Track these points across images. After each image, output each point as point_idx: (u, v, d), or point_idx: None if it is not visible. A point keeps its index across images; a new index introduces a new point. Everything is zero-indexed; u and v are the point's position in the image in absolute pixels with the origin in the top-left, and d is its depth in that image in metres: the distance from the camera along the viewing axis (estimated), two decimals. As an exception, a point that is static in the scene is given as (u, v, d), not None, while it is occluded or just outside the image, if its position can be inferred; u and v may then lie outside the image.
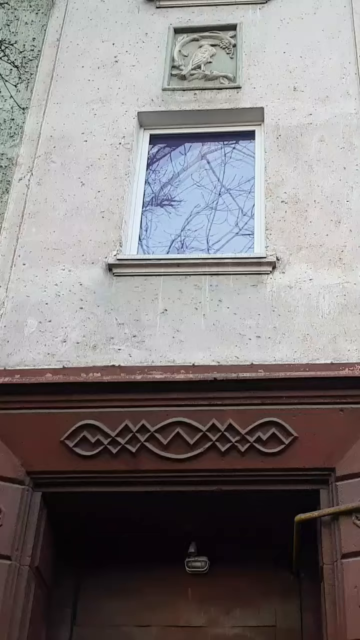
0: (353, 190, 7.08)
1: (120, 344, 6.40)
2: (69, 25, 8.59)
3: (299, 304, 6.48)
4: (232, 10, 8.61)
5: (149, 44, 8.37)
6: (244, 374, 6.06)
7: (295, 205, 7.06)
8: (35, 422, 6.04)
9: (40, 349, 6.40)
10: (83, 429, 5.98)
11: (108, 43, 8.41)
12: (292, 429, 5.83)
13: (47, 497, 5.95)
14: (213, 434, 5.87)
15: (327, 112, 7.62)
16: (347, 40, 8.16)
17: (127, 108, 7.87)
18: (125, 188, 7.34)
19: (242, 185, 7.70)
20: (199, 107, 7.88)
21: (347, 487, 5.60)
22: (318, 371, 6.02)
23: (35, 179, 7.41)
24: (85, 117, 7.82)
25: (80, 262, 6.86)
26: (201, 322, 6.47)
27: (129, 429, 5.93)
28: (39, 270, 6.83)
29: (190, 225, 7.50)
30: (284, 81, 7.92)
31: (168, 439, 5.89)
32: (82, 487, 5.94)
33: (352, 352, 6.17)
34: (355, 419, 5.82)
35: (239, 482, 5.82)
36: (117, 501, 6.01)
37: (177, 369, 6.17)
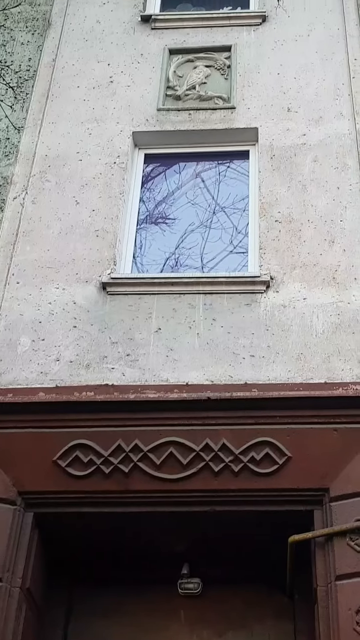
0: (347, 210, 7.07)
1: (114, 362, 6.34)
2: (64, 45, 8.60)
3: (292, 323, 6.44)
4: (227, 32, 8.63)
5: (144, 65, 8.38)
6: (238, 393, 6.02)
7: (289, 225, 7.04)
8: (27, 441, 5.98)
9: (34, 368, 6.34)
10: (76, 448, 5.92)
11: (103, 63, 8.42)
12: (286, 448, 5.78)
13: (39, 517, 5.88)
14: (206, 453, 5.81)
15: (321, 132, 7.62)
16: (340, 61, 8.18)
17: (122, 128, 7.87)
18: (120, 207, 7.32)
19: (237, 204, 7.69)
20: (194, 127, 7.88)
21: (341, 507, 5.54)
22: (312, 391, 5.98)
23: (30, 197, 7.39)
24: (80, 136, 7.81)
25: (74, 281, 6.82)
26: (195, 341, 6.42)
27: (122, 449, 5.87)
28: (32, 289, 6.79)
29: (185, 243, 7.48)
30: (278, 102, 7.93)
31: (161, 458, 5.83)
32: (74, 508, 5.87)
33: (346, 371, 6.13)
34: (350, 439, 5.77)
35: (232, 502, 5.76)
36: (110, 522, 5.94)
37: (171, 388, 6.12)
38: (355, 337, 6.29)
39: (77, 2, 9.03)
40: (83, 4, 9.00)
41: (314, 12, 8.67)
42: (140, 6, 8.94)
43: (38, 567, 5.91)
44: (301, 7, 8.71)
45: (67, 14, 8.89)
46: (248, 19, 8.72)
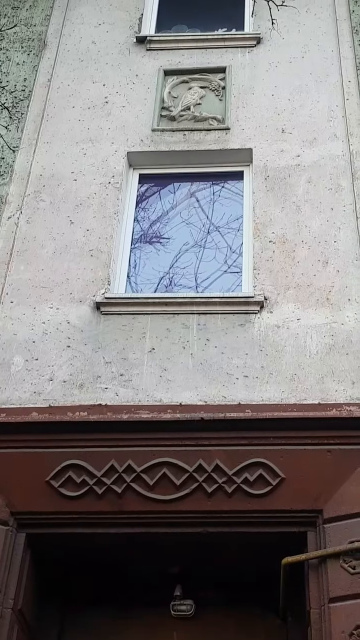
0: (340, 231, 7.08)
1: (107, 382, 6.33)
2: (60, 66, 8.63)
3: (286, 343, 6.43)
4: (222, 54, 8.67)
5: (139, 86, 8.41)
6: (231, 414, 6.01)
7: (283, 245, 7.05)
8: (20, 461, 5.95)
9: (27, 388, 6.33)
10: (68, 468, 5.89)
11: (99, 84, 8.45)
12: (280, 470, 5.76)
13: (32, 538, 5.85)
14: (200, 474, 5.79)
15: (315, 153, 7.65)
16: (334, 83, 8.23)
17: (116, 148, 7.89)
18: (114, 227, 7.32)
19: (231, 223, 7.71)
20: (188, 148, 7.90)
21: (335, 529, 5.52)
22: (305, 412, 5.97)
23: (25, 217, 7.39)
24: (75, 156, 7.82)
25: (68, 300, 6.81)
26: (189, 361, 6.42)
27: (115, 469, 5.85)
28: (26, 308, 6.78)
29: (179, 263, 7.48)
30: (272, 123, 7.96)
31: (154, 479, 5.80)
32: (67, 528, 5.84)
33: (340, 392, 6.12)
34: (343, 460, 5.75)
35: (225, 524, 5.74)
36: (103, 543, 5.91)
37: (164, 409, 6.10)
38: (349, 358, 6.29)
39: (72, 23, 9.08)
40: (79, 25, 9.05)
41: (308, 35, 8.72)
42: (136, 27, 8.99)
43: (30, 588, 5.87)
44: (295, 29, 8.76)
45: (63, 34, 8.93)
46: (243, 40, 8.76)
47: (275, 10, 7.42)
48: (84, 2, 9.29)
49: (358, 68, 8.25)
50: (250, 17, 8.93)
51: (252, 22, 8.97)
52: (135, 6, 9.22)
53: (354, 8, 8.83)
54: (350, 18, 8.77)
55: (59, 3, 9.22)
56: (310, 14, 8.91)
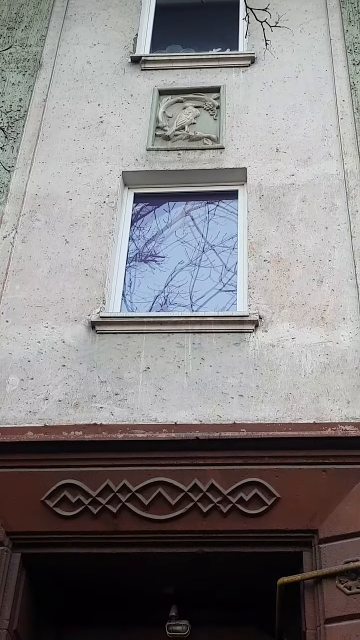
0: (335, 250, 7.11)
1: (102, 402, 6.33)
2: (55, 86, 8.68)
3: (281, 362, 6.44)
4: (216, 73, 8.72)
5: (134, 105, 8.46)
6: (227, 433, 6.00)
7: (277, 264, 7.07)
8: (15, 481, 5.94)
9: (22, 407, 6.33)
10: (64, 488, 5.89)
11: (94, 104, 8.49)
12: (275, 489, 5.76)
13: (27, 558, 5.83)
14: (195, 494, 5.79)
15: (309, 173, 7.69)
16: (328, 102, 8.27)
17: (111, 167, 7.92)
18: (109, 246, 7.34)
19: (226, 242, 7.73)
20: (183, 167, 7.93)
21: (330, 549, 5.52)
22: (301, 431, 5.97)
23: (20, 236, 7.41)
24: (70, 176, 7.85)
25: (63, 320, 6.82)
26: (184, 381, 6.42)
27: (110, 489, 5.85)
28: (21, 328, 6.78)
29: (174, 281, 7.50)
30: (266, 142, 8.00)
31: (149, 499, 5.80)
32: (62, 548, 5.83)
33: (335, 411, 6.13)
34: (338, 480, 5.75)
35: (220, 544, 5.73)
36: (98, 562, 5.89)
37: (159, 428, 6.10)
38: (344, 377, 6.31)
39: (67, 43, 9.13)
40: (74, 45, 9.10)
41: (302, 54, 8.78)
42: (130, 47, 9.04)
43: (25, 609, 5.85)
44: (290, 49, 8.82)
45: (58, 54, 8.99)
46: (237, 60, 8.82)
47: (269, 31, 7.46)
48: (79, 23, 9.35)
49: (352, 87, 8.30)
50: (244, 37, 8.98)
51: (246, 41, 9.03)
52: (130, 26, 9.29)
53: (347, 28, 8.90)
54: (344, 38, 8.83)
55: (54, 24, 9.28)
56: (304, 33, 8.98)
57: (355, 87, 8.28)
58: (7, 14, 9.37)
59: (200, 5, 8.06)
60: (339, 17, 9.02)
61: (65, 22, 9.33)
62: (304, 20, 9.10)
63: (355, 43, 8.72)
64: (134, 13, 9.43)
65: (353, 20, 8.96)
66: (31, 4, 9.48)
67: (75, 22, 9.36)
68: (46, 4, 9.46)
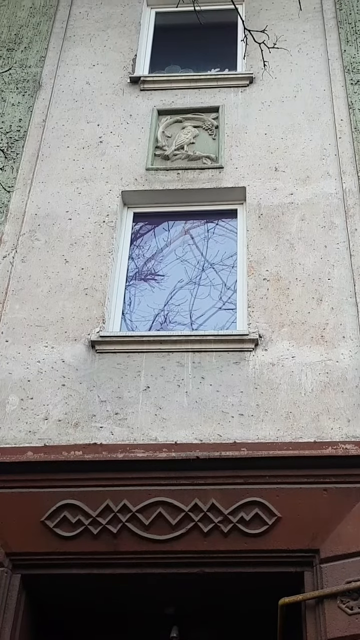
0: (334, 268, 7.12)
1: (102, 421, 6.32)
2: (54, 106, 8.72)
3: (281, 381, 6.44)
4: (215, 93, 8.76)
5: (133, 125, 8.49)
6: (227, 452, 5.99)
7: (277, 283, 7.07)
8: (15, 501, 5.93)
9: (22, 427, 6.31)
10: (64, 508, 5.87)
11: (93, 124, 8.53)
12: (276, 509, 5.74)
13: (27, 579, 5.80)
14: (195, 514, 5.77)
15: (308, 192, 7.71)
16: (326, 122, 8.31)
17: (111, 187, 7.94)
18: (109, 265, 7.35)
19: (225, 260, 7.73)
20: (182, 187, 7.96)
21: (332, 569, 5.49)
22: (301, 450, 5.96)
23: (20, 256, 7.42)
24: (69, 195, 7.87)
25: (63, 339, 6.82)
26: (184, 400, 6.41)
27: (110, 509, 5.83)
28: (21, 347, 6.78)
29: (174, 300, 7.50)
30: (265, 161, 8.03)
31: (150, 519, 5.78)
32: (62, 569, 5.80)
33: (335, 430, 6.11)
34: (339, 499, 5.74)
35: (221, 564, 5.70)
36: (98, 583, 5.87)
37: (159, 447, 6.09)
38: (344, 396, 6.30)
39: (67, 64, 9.18)
40: (73, 66, 9.15)
41: (301, 74, 8.83)
42: (129, 68, 9.09)
43: (26, 630, 5.81)
44: (288, 68, 8.86)
45: (57, 75, 9.03)
46: (235, 80, 8.86)
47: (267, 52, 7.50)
48: (79, 44, 9.41)
49: (350, 107, 8.34)
50: (242, 58, 9.03)
51: (244, 62, 9.07)
52: (129, 47, 9.34)
53: (345, 48, 8.95)
54: (342, 57, 8.88)
55: (53, 44, 9.33)
56: (302, 53, 9.03)
57: (353, 107, 8.32)
58: (7, 35, 9.43)
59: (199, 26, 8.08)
60: (337, 37, 9.08)
61: (64, 43, 9.39)
62: (302, 41, 9.15)
63: (353, 63, 8.78)
64: (132, 34, 9.49)
65: (350, 40, 9.02)
66: (31, 25, 9.54)
67: (75, 43, 9.42)
68: (45, 25, 9.53)
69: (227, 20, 9.47)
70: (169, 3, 9.26)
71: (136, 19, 9.65)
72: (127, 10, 9.76)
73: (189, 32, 9.50)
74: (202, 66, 9.38)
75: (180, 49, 9.79)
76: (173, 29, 9.85)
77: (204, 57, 9.57)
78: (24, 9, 9.75)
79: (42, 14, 9.66)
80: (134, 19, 9.65)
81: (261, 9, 9.54)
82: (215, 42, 9.66)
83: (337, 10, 9.35)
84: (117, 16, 9.68)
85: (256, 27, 7.57)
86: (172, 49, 9.73)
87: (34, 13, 9.68)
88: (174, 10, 8.23)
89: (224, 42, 9.61)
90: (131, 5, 9.80)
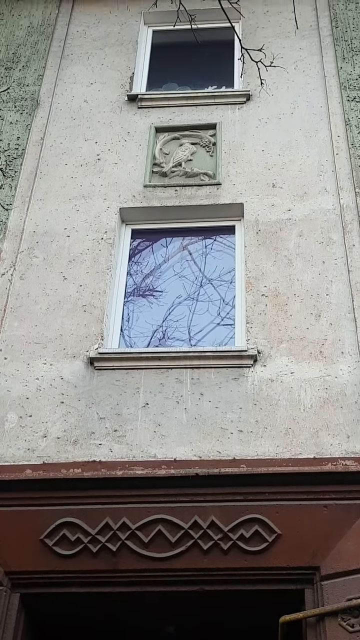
0: (332, 284, 7.12)
1: (101, 438, 6.30)
2: (52, 124, 8.74)
3: (280, 397, 6.42)
4: (212, 110, 8.79)
5: (131, 142, 8.52)
6: (226, 469, 5.97)
7: (275, 299, 7.07)
8: (14, 519, 5.90)
9: (21, 445, 6.29)
10: (63, 527, 5.84)
11: (91, 141, 8.55)
12: (276, 526, 5.71)
13: (26, 598, 5.76)
14: (195, 531, 5.74)
15: (306, 208, 7.72)
16: (323, 138, 8.34)
17: (109, 204, 7.95)
18: (107, 282, 7.35)
19: (224, 276, 7.74)
20: (180, 203, 7.97)
21: (332, 586, 5.45)
22: (301, 466, 5.94)
23: (18, 273, 7.42)
24: (68, 213, 7.88)
25: (62, 356, 6.81)
26: (183, 416, 6.39)
27: (110, 527, 5.80)
28: (20, 365, 6.77)
29: (172, 316, 7.50)
30: (263, 178, 8.04)
31: (149, 537, 5.75)
32: (61, 588, 5.76)
33: (335, 446, 6.09)
34: (340, 516, 5.71)
35: (221, 582, 5.66)
36: (98, 602, 5.83)
37: (159, 464, 6.07)
38: (343, 412, 6.28)
39: (64, 82, 9.22)
40: (71, 84, 9.19)
41: (297, 91, 8.86)
42: (127, 86, 9.12)
43: (25, 650, 5.77)
44: (284, 85, 8.90)
45: (55, 93, 9.07)
46: (233, 97, 8.89)
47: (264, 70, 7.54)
48: (76, 62, 9.45)
49: (347, 123, 8.37)
50: (239, 76, 9.07)
51: (241, 79, 9.11)
52: (126, 65, 9.38)
53: (342, 65, 8.99)
54: (339, 74, 8.92)
55: (51, 63, 9.37)
56: (299, 70, 9.07)
57: (350, 123, 8.35)
58: (5, 54, 9.47)
59: (196, 44, 8.14)
60: (333, 55, 9.13)
61: (62, 61, 9.44)
62: (299, 58, 9.20)
63: (350, 80, 8.82)
64: (130, 52, 9.54)
65: (347, 57, 9.07)
66: (28, 44, 9.59)
67: (72, 62, 9.46)
68: (43, 44, 9.57)
69: (224, 38, 9.54)
70: (166, 22, 9.33)
71: (133, 38, 9.71)
72: (124, 28, 9.81)
73: (186, 50, 9.55)
74: (200, 83, 9.43)
75: (177, 67, 9.84)
76: (170, 47, 9.91)
77: (201, 74, 9.62)
78: (21, 28, 9.81)
79: (40, 32, 9.71)
80: (132, 37, 9.71)
81: (258, 26, 9.59)
82: (212, 60, 9.71)
83: (333, 28, 9.41)
84: (114, 35, 9.74)
85: (253, 44, 7.60)
86: (169, 67, 9.78)
87: (31, 32, 9.73)
88: (171, 28, 8.26)
89: (221, 60, 9.67)
90: (128, 24, 9.86)
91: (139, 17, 9.94)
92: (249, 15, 9.67)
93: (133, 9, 10.00)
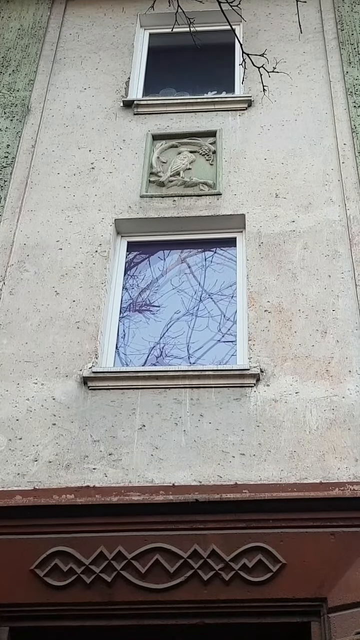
0: (339, 299, 7.13)
1: (95, 462, 6.29)
2: (44, 132, 8.78)
3: (284, 418, 6.42)
4: (212, 117, 8.83)
5: (127, 151, 8.55)
6: (228, 494, 5.97)
7: (279, 315, 7.08)
8: (2, 548, 5.90)
9: (10, 469, 6.28)
10: (54, 556, 5.83)
11: (84, 149, 8.58)
12: (280, 555, 5.71)
13: (15, 632, 5.75)
14: (195, 561, 5.73)
15: (311, 219, 7.75)
16: (329, 146, 8.37)
17: (103, 215, 7.97)
18: (102, 297, 7.36)
19: (224, 290, 7.75)
20: (178, 214, 7.99)
21: (340, 619, 5.44)
22: (306, 492, 5.93)
23: (8, 288, 7.43)
24: (60, 224, 7.90)
25: (54, 375, 6.81)
26: (181, 439, 6.39)
27: (104, 556, 5.79)
28: (9, 385, 6.77)
29: (170, 332, 7.50)
30: (265, 188, 8.07)
31: (146, 567, 5.74)
32: (53, 621, 5.75)
33: (342, 470, 6.09)
34: (348, 544, 5.71)
35: (223, 614, 5.65)
36: (92, 636, 5.81)
37: (156, 490, 6.06)
38: (351, 434, 6.28)
39: (57, 87, 9.26)
40: (63, 90, 9.23)
41: (301, 97, 8.90)
42: (122, 91, 9.17)
43: None
44: (288, 91, 8.94)
45: (47, 99, 9.11)
46: (233, 103, 8.94)
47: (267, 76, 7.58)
48: (69, 67, 9.50)
49: (353, 130, 8.41)
50: (240, 81, 9.11)
51: (242, 84, 9.14)
52: (121, 70, 9.43)
53: (347, 69, 9.04)
54: (344, 79, 8.97)
55: (43, 68, 9.42)
56: (303, 75, 9.12)
57: (356, 130, 8.39)
58: (-6, 58, 9.52)
59: (195, 47, 8.18)
60: (339, 59, 9.18)
61: (54, 66, 9.48)
62: (302, 62, 9.25)
63: (356, 85, 8.86)
64: (125, 56, 9.59)
65: (353, 62, 9.12)
66: (19, 47, 9.64)
67: (65, 66, 9.51)
68: (34, 47, 9.62)
69: (224, 41, 9.59)
70: (164, 24, 9.38)
71: (129, 41, 9.76)
72: (119, 31, 9.87)
73: (185, 54, 9.61)
74: (199, 89, 9.48)
75: (175, 72, 9.90)
76: (168, 50, 9.97)
77: (200, 79, 9.68)
78: (11, 30, 9.87)
79: (31, 35, 9.76)
80: (127, 40, 9.76)
81: (259, 29, 9.65)
82: (211, 64, 9.77)
83: (339, 31, 9.47)
84: (109, 38, 9.79)
85: (255, 48, 7.66)
86: (166, 72, 9.84)
87: (22, 35, 9.78)
88: (169, 31, 8.30)
89: (221, 64, 9.72)
90: (124, 27, 9.92)
91: (135, 20, 10.01)
92: (250, 17, 9.73)
93: (129, 11, 10.07)
